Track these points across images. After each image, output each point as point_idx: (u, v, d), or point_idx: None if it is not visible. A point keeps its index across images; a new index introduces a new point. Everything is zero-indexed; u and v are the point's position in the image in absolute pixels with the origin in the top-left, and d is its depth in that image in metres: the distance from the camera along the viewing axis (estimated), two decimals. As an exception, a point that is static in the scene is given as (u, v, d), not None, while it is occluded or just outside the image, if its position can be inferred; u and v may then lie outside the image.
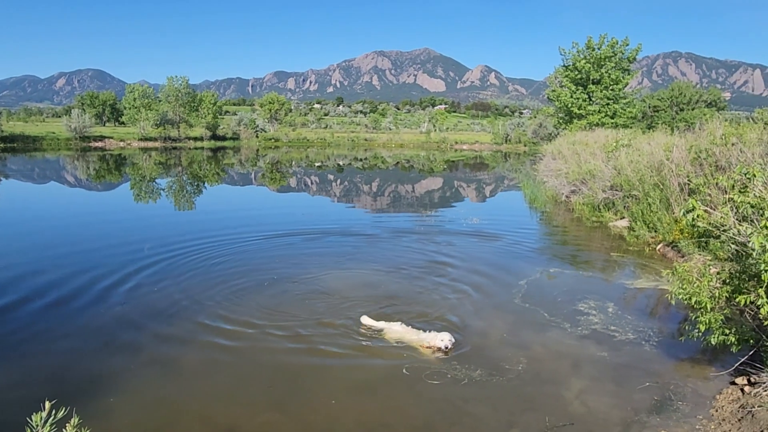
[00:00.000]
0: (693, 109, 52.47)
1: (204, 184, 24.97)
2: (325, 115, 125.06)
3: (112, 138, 55.06)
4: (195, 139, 59.02)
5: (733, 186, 5.64)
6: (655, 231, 11.20)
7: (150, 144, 54.39)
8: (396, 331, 6.19)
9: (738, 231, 5.09)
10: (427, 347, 5.82)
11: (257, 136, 65.07)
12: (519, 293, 7.86)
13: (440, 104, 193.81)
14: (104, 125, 78.23)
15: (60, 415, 2.50)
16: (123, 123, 70.20)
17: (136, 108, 60.53)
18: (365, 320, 6.54)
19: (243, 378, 5.26)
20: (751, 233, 4.44)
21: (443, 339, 5.80)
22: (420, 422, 4.55)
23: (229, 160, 41.23)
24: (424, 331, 6.09)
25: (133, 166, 33.78)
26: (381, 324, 6.39)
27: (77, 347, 5.90)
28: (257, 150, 53.17)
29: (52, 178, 27.54)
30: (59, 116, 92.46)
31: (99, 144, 52.65)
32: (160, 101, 61.52)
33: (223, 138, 62.54)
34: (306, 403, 4.81)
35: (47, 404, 2.46)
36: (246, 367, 5.48)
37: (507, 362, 5.57)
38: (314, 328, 6.45)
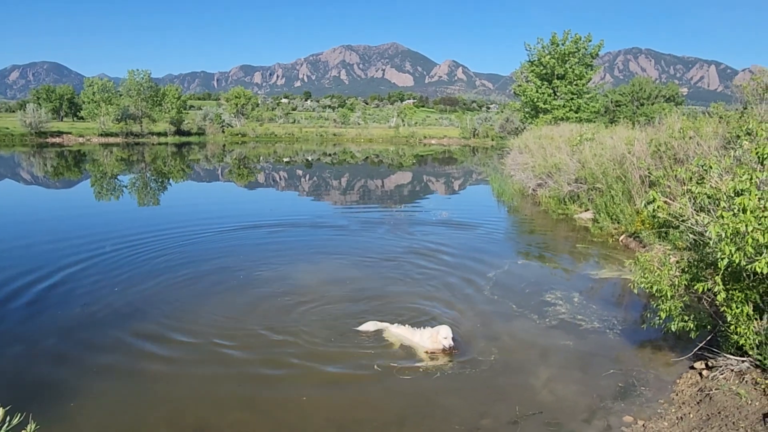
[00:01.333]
0: (653, 104, 54.16)
1: (169, 180, 24.36)
2: (293, 109, 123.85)
3: (70, 133, 52.95)
4: (159, 134, 57.42)
5: (691, 178, 5.84)
6: (618, 222, 11.52)
7: (111, 140, 52.65)
8: (393, 333, 6.01)
9: (696, 221, 5.27)
10: (429, 352, 5.62)
11: (223, 131, 63.86)
12: (488, 285, 7.96)
13: (409, 99, 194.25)
14: (62, 120, 75.20)
15: (15, 421, 2.39)
16: (82, 118, 67.81)
17: (95, 102, 58.60)
18: (367, 326, 6.21)
19: (210, 377, 5.15)
20: (708, 223, 4.60)
21: (446, 337, 5.59)
22: (392, 416, 4.56)
23: (195, 155, 40.34)
24: (421, 327, 5.93)
25: (93, 163, 32.67)
26: (381, 325, 6.19)
27: (33, 351, 5.65)
28: (224, 145, 52.20)
29: (6, 175, 26.36)
30: (13, 111, 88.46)
31: (57, 140, 50.60)
32: (121, 95, 59.66)
33: (188, 133, 61.11)
34: (276, 401, 4.76)
35: (0, 410, 2.34)
36: (213, 366, 5.36)
37: (478, 354, 5.64)
38: (283, 324, 6.38)
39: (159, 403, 4.72)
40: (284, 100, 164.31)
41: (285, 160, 37.69)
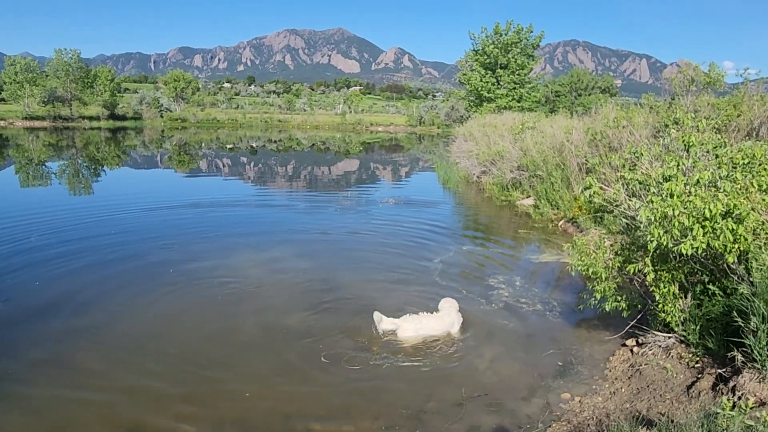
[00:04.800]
0: (589, 95, 56.47)
1: (103, 167, 23.06)
2: (236, 94, 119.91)
3: (-10, 116, 49.16)
4: (90, 118, 54.18)
5: (624, 165, 6.11)
6: (557, 208, 11.96)
7: (37, 123, 49.19)
8: (411, 329, 5.69)
9: (628, 206, 5.53)
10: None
11: (162, 116, 61.11)
12: (436, 271, 8.07)
13: (355, 86, 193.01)
14: (-20, 102, 69.56)
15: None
16: (3, 100, 62.85)
17: (18, 83, 54.53)
18: (385, 325, 5.76)
19: (147, 371, 4.93)
20: (639, 207, 4.83)
21: (457, 308, 5.97)
22: (337, 404, 4.53)
23: (131, 141, 38.39)
24: (432, 311, 5.93)
25: (17, 148, 30.41)
26: (396, 322, 5.78)
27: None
28: (162, 131, 49.94)
29: None
30: None
31: (-26, 123, 46.82)
32: (47, 76, 55.71)
33: (124, 118, 58.04)
34: (218, 395, 4.62)
35: None
36: (150, 360, 5.14)
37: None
38: (224, 316, 6.21)
39: (91, 399, 4.46)
40: (227, 85, 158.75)
41: (228, 146, 36.56)
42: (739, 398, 3.75)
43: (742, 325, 4.04)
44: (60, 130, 45.41)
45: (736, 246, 4.23)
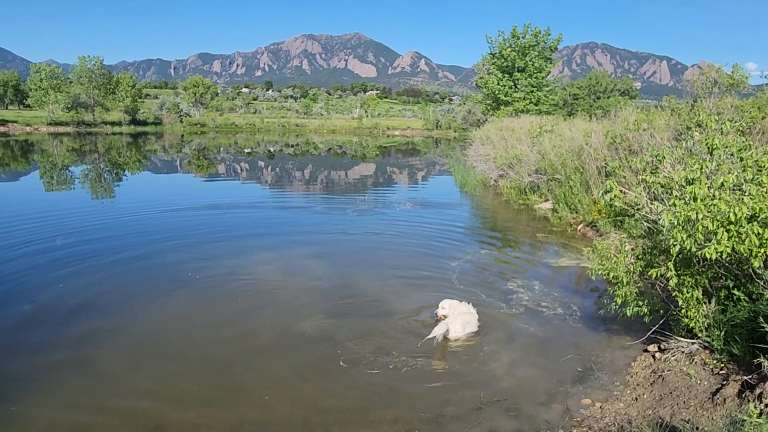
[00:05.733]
0: (608, 98, 55.79)
1: (124, 171, 23.48)
2: (254, 99, 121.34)
3: (16, 122, 50.29)
4: (112, 123, 55.24)
5: (645, 168, 6.04)
6: (576, 212, 11.84)
7: (61, 129, 50.29)
8: (459, 328, 5.72)
9: (650, 209, 5.46)
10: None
11: (182, 121, 62.03)
12: (454, 275, 8.04)
13: (372, 90, 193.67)
14: (6, 108, 71.29)
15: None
16: (29, 106, 64.50)
17: (43, 90, 55.89)
18: (439, 328, 5.65)
19: (169, 373, 5.00)
20: (662, 211, 4.76)
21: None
22: (356, 407, 4.54)
23: (152, 146, 39.04)
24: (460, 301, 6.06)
25: (42, 153, 31.14)
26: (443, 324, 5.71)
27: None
28: (182, 135, 50.69)
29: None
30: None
31: (1, 129, 47.98)
32: (71, 83, 57.02)
33: (144, 123, 59.03)
34: (238, 397, 4.66)
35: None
36: (171, 362, 5.21)
37: (448, 344, 5.66)
38: (243, 317, 6.27)
39: (114, 401, 4.54)
40: (245, 90, 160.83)
41: (246, 151, 36.95)
42: (767, 405, 3.66)
43: (769, 331, 3.95)
44: (83, 135, 46.38)
45: (762, 250, 4.14)
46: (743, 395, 4.03)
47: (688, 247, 4.35)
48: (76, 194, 16.58)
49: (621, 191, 5.54)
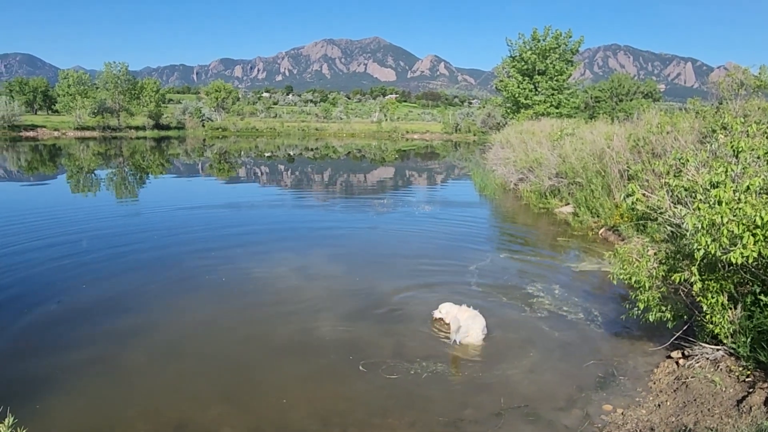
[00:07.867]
0: (631, 100, 54.91)
1: (148, 175, 23.94)
2: (275, 104, 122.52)
3: (45, 127, 51.68)
4: (137, 128, 56.32)
5: (669, 171, 5.93)
6: (598, 216, 11.68)
7: (87, 133, 51.45)
8: (479, 331, 5.76)
9: (673, 213, 5.37)
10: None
11: (203, 126, 62.90)
12: (473, 278, 8.01)
13: (391, 94, 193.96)
14: (36, 114, 73.23)
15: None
16: (57, 111, 66.13)
17: (71, 95, 57.12)
18: (461, 334, 5.68)
19: (190, 372, 5.10)
20: (685, 215, 4.68)
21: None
22: (374, 410, 4.56)
23: (174, 150, 39.71)
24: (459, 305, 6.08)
25: (69, 157, 31.94)
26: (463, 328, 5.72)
27: (6, 347, 5.52)
28: (204, 140, 51.44)
29: (-22, 170, 25.61)
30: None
31: (31, 134, 49.35)
32: (97, 88, 58.30)
33: (167, 127, 60.02)
34: (256, 398, 4.71)
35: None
36: (192, 361, 5.31)
37: (467, 347, 5.65)
38: (262, 318, 6.34)
39: (137, 398, 4.64)
40: (265, 95, 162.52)
41: (267, 154, 37.34)
42: (795, 415, 3.57)
43: (798, 338, 3.85)
44: (108, 139, 47.40)
45: (790, 255, 4.05)
46: (770, 403, 3.93)
47: (712, 252, 4.26)
48: (102, 197, 16.96)
49: (643, 195, 5.46)
